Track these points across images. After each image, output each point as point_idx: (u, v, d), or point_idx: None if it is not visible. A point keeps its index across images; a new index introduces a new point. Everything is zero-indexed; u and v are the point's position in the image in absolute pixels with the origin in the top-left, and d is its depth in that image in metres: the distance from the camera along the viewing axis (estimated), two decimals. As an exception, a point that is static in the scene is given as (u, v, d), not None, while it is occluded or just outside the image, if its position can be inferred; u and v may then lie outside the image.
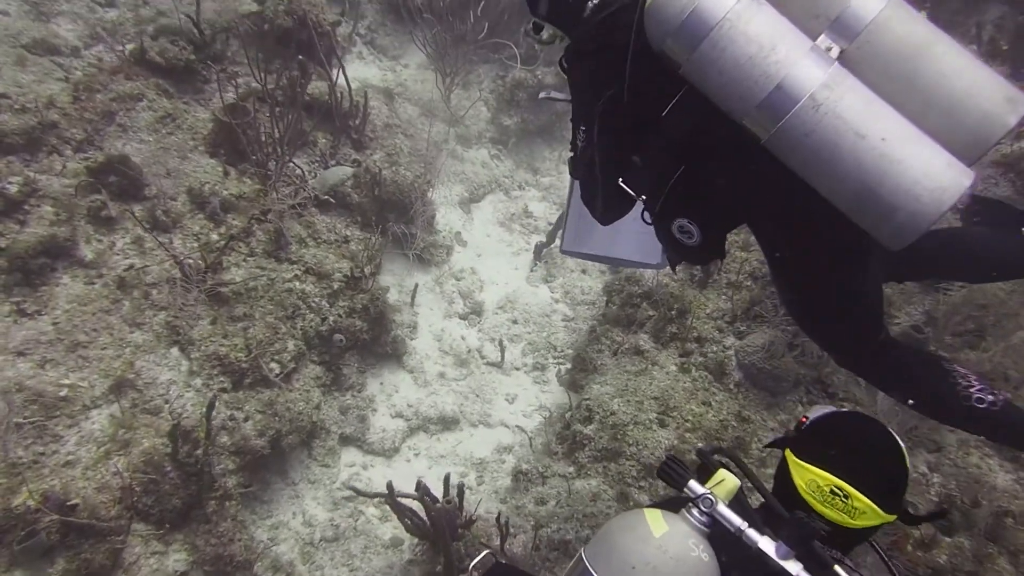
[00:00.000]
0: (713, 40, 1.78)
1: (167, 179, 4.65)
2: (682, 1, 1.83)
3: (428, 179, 5.34)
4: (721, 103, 1.87)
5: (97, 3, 6.09)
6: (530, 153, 6.64)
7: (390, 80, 6.50)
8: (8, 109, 4.64)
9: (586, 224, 2.86)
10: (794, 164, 1.82)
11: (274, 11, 5.49)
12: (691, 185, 2.13)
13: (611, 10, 2.15)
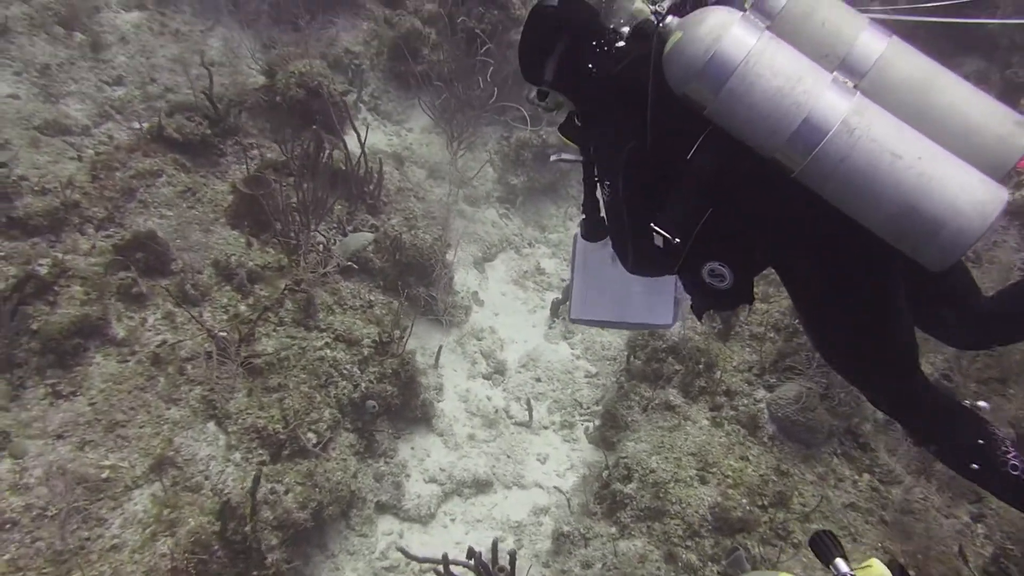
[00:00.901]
0: (740, 75, 1.86)
1: (191, 252, 4.74)
2: (703, 43, 1.92)
3: (446, 241, 5.48)
4: (749, 139, 1.93)
5: (104, 82, 6.26)
6: (537, 211, 6.85)
7: (396, 144, 6.71)
8: (29, 191, 4.74)
9: (593, 291, 2.96)
10: (829, 193, 1.86)
11: (286, 83, 5.68)
12: (721, 227, 2.15)
13: (622, 65, 2.24)
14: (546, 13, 2.39)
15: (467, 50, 6.25)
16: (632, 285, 3.02)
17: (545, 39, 2.38)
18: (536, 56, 2.40)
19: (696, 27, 1.97)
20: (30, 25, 6.19)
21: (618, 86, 2.23)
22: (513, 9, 6.51)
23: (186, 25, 6.84)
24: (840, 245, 1.97)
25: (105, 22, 6.52)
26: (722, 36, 1.91)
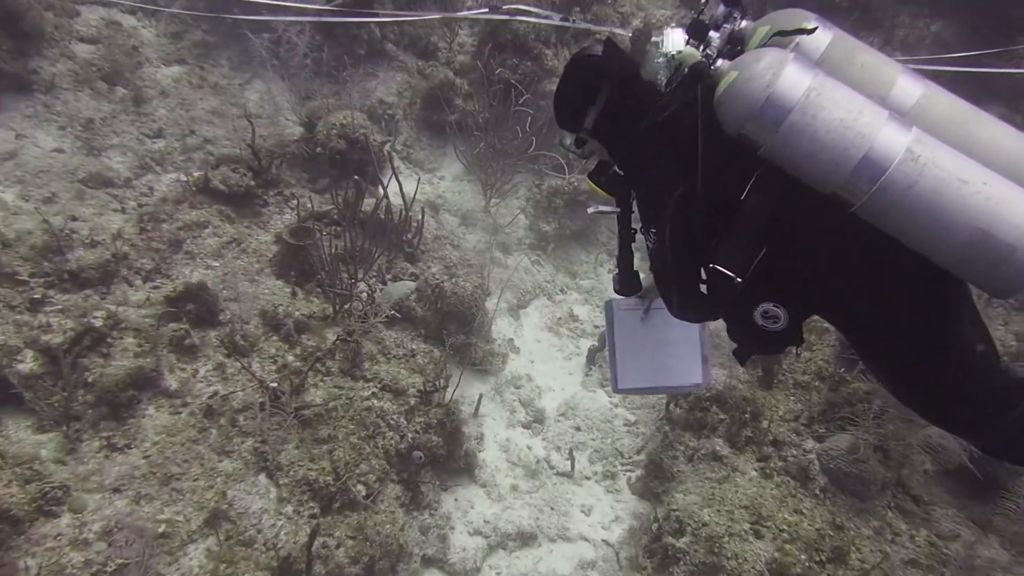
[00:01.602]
0: (801, 110, 1.92)
1: (238, 303, 4.85)
2: (761, 82, 1.98)
3: (486, 289, 5.58)
4: (808, 174, 1.97)
5: (145, 135, 6.47)
6: (567, 257, 6.96)
7: (429, 193, 6.86)
8: (80, 244, 4.87)
9: (630, 359, 3.04)
10: (891, 225, 1.90)
11: (327, 134, 5.85)
12: (776, 266, 2.16)
13: (667, 113, 2.27)
14: (588, 63, 2.46)
15: (500, 100, 6.42)
16: (663, 348, 3.11)
17: (587, 88, 2.43)
18: (576, 105, 2.45)
19: (752, 67, 2.04)
20: (75, 81, 6.43)
21: (663, 133, 2.28)
22: (545, 60, 6.72)
23: (224, 79, 7.08)
24: (901, 278, 1.99)
25: (147, 76, 6.76)
26: (779, 74, 1.97)
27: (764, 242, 2.13)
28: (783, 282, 2.18)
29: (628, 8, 7.13)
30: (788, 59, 2.01)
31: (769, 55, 2.05)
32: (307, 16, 6.67)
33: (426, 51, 7.35)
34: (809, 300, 2.22)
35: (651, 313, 2.97)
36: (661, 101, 2.34)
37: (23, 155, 5.80)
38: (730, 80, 2.07)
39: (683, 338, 3.08)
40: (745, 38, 2.31)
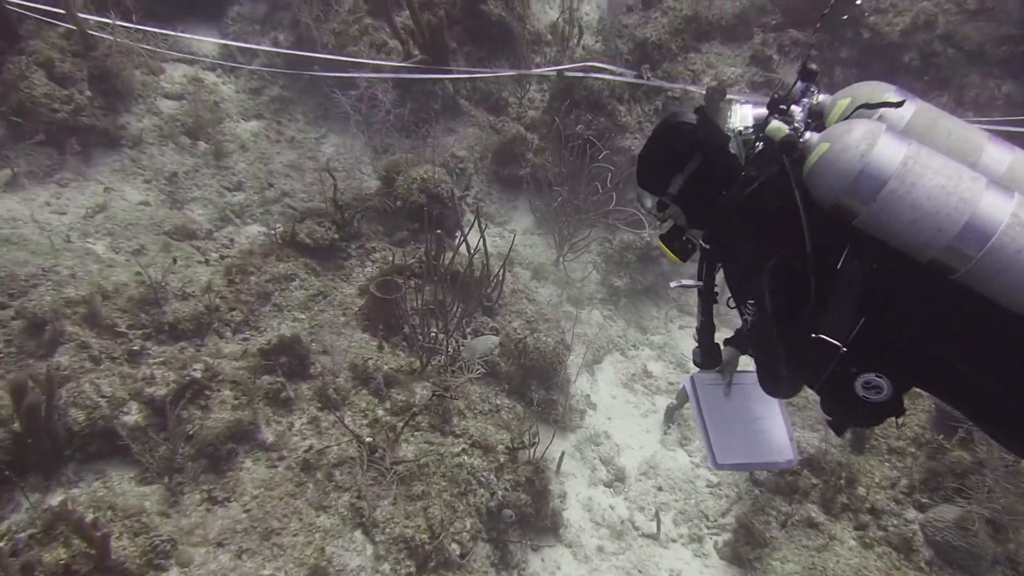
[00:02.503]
0: (900, 178, 1.97)
1: (327, 356, 4.96)
2: (853, 153, 2.03)
3: (566, 344, 5.65)
4: (907, 242, 2.01)
5: (225, 188, 6.73)
6: (638, 312, 7.02)
7: (501, 246, 6.98)
8: (174, 296, 5.05)
9: (722, 434, 3.06)
10: (997, 290, 1.93)
11: (407, 188, 6.03)
12: (876, 336, 2.16)
13: (757, 183, 2.33)
14: (682, 130, 2.54)
15: (575, 155, 6.57)
16: (751, 423, 3.14)
17: (677, 154, 2.50)
18: (664, 169, 2.51)
19: (844, 138, 2.11)
20: (160, 136, 6.74)
21: (752, 206, 2.34)
22: (619, 116, 6.89)
23: (300, 133, 7.36)
24: (1008, 342, 2.01)
25: (227, 131, 7.05)
26: (874, 144, 2.03)
27: (862, 311, 2.15)
28: (884, 351, 2.19)
29: (699, 66, 7.32)
30: (880, 129, 2.08)
31: (861, 126, 2.12)
32: (385, 73, 6.94)
33: (497, 106, 7.58)
34: (911, 369, 2.22)
35: (732, 387, 3.01)
36: (746, 174, 2.42)
37: (112, 208, 6.06)
38: (821, 152, 2.14)
39: (766, 412, 3.12)
40: (824, 111, 2.41)
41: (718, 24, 7.77)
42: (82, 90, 6.18)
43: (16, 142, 5.87)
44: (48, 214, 5.78)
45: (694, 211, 2.56)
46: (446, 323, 5.04)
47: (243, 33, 7.71)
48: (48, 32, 6.30)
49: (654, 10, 7.76)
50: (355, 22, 7.31)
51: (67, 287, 4.77)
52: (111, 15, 6.32)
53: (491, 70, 7.23)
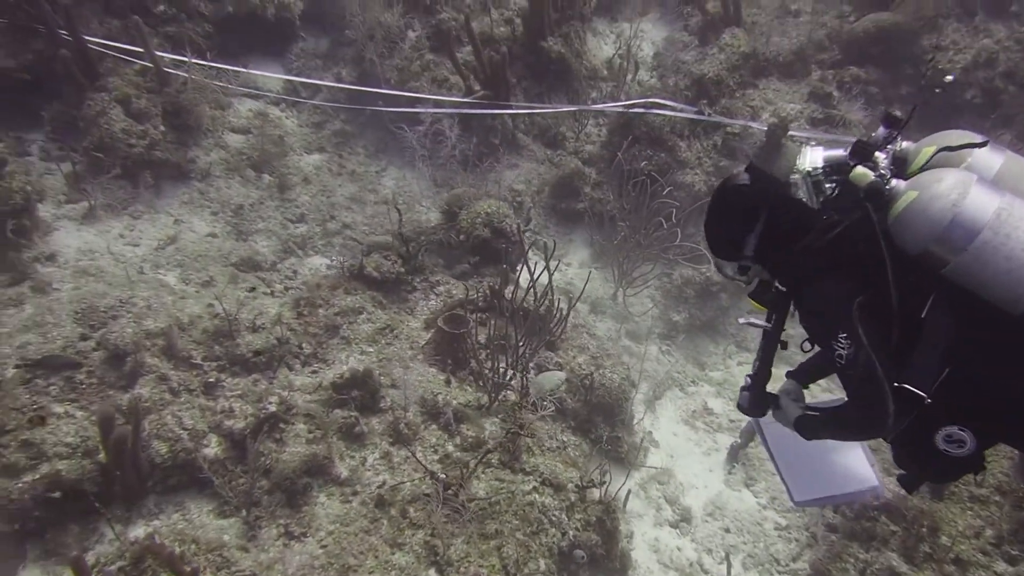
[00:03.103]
0: (994, 229, 1.96)
1: (396, 390, 4.97)
2: (944, 203, 2.03)
3: (632, 381, 5.61)
4: (1000, 293, 2.00)
5: (289, 219, 6.83)
6: (695, 347, 6.95)
7: (558, 279, 6.98)
8: (246, 329, 5.11)
9: (796, 471, 2.99)
10: None
11: (471, 223, 6.07)
12: (959, 388, 2.12)
13: (839, 229, 2.34)
14: (740, 192, 2.56)
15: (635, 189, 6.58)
16: (825, 455, 3.07)
17: (743, 217, 2.53)
18: (734, 234, 2.55)
19: (934, 187, 2.10)
20: (226, 169, 6.89)
21: (835, 250, 2.34)
22: (679, 152, 6.90)
23: (361, 166, 7.47)
24: None
25: (291, 164, 7.19)
26: (965, 194, 2.03)
27: (948, 361, 2.12)
28: (969, 404, 2.15)
29: (757, 102, 7.31)
30: (972, 180, 2.08)
31: (951, 176, 2.12)
32: (448, 108, 7.03)
33: (554, 140, 7.64)
34: (998, 423, 2.18)
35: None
36: (827, 218, 2.42)
37: (182, 239, 6.19)
38: (909, 200, 2.15)
39: (841, 444, 3.06)
40: (908, 158, 2.42)
41: (775, 60, 7.77)
42: (156, 125, 6.35)
43: (95, 176, 6.04)
44: (122, 246, 5.92)
45: (776, 264, 2.56)
46: (516, 359, 5.02)
47: (306, 68, 7.89)
48: (125, 69, 6.50)
49: (711, 47, 7.79)
50: (417, 58, 7.43)
51: (146, 319, 4.86)
52: (187, 53, 6.50)
53: (553, 105, 7.29)
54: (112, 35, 6.60)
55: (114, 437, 3.81)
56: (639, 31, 8.92)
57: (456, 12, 7.70)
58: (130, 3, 6.65)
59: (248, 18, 7.47)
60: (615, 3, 8.96)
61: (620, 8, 9.03)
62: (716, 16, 8.01)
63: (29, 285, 5.16)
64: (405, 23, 7.46)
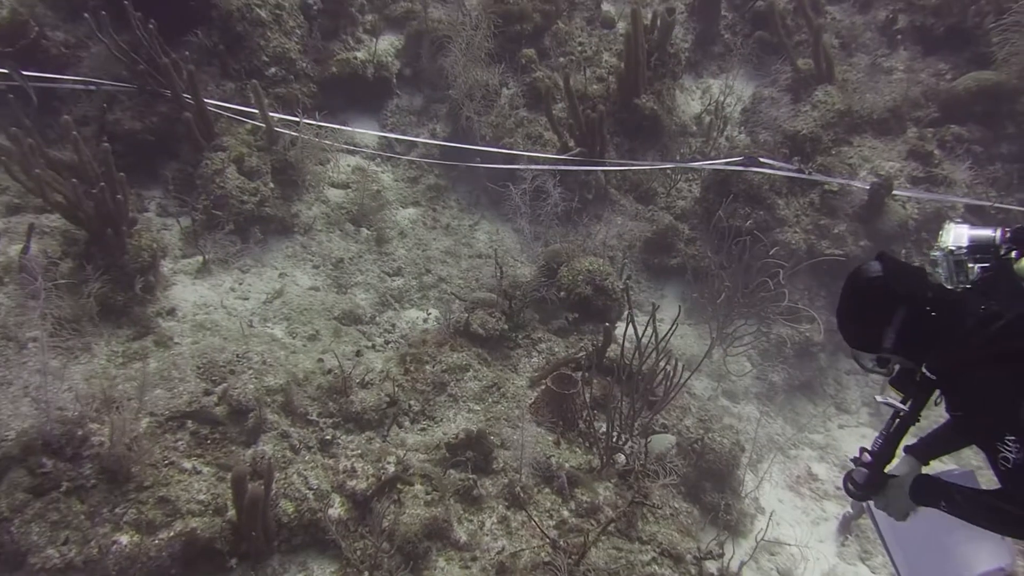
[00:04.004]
0: None
1: (507, 451, 4.94)
2: None
3: (741, 445, 5.47)
4: None
5: (386, 273, 6.92)
6: (794, 409, 6.78)
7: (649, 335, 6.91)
8: (358, 386, 5.16)
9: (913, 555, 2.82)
10: None
11: (572, 279, 6.07)
12: None
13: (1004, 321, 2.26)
14: (875, 285, 2.48)
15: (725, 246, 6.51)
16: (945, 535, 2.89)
17: (880, 311, 2.45)
18: (871, 327, 2.47)
19: None
20: (327, 223, 7.05)
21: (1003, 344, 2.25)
22: (777, 210, 6.82)
23: (454, 219, 7.57)
24: None
25: (387, 218, 7.31)
26: None
27: None
28: None
29: (855, 159, 7.21)
30: None
31: None
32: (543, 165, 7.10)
33: (646, 196, 7.64)
34: None
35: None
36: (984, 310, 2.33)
37: (287, 293, 6.32)
38: None
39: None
40: None
41: (869, 118, 7.68)
42: (266, 182, 6.56)
43: (209, 231, 6.24)
44: (233, 299, 6.08)
45: (920, 353, 2.47)
46: (632, 421, 4.96)
47: (401, 124, 8.08)
48: (237, 128, 6.76)
49: (803, 103, 7.74)
50: (511, 115, 7.56)
51: (266, 376, 4.95)
52: (299, 113, 6.74)
53: (651, 163, 7.33)
54: (227, 97, 6.88)
55: (248, 497, 3.85)
56: (725, 87, 8.95)
57: (549, 71, 7.84)
58: (245, 67, 6.93)
59: (349, 77, 7.71)
60: (701, 59, 9.00)
61: (705, 64, 9.07)
62: (807, 73, 7.97)
63: (152, 339, 5.31)
64: (500, 81, 7.60)
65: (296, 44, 7.37)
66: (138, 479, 4.12)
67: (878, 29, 8.64)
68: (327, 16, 7.77)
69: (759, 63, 8.62)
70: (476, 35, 7.09)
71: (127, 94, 6.48)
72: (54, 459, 3.99)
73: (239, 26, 6.93)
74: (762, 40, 8.72)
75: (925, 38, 8.36)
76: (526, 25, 7.82)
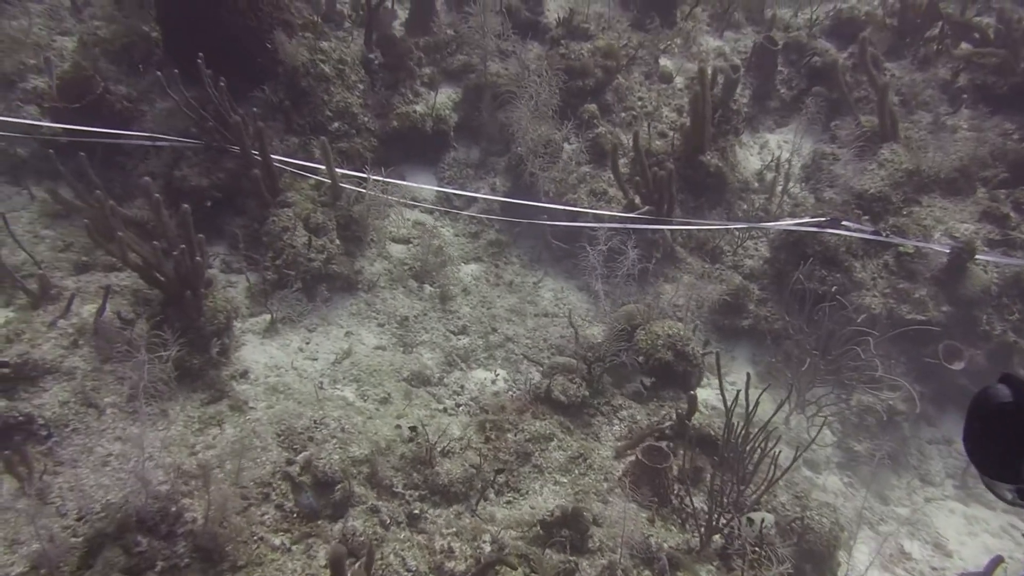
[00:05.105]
0: None
1: (600, 528, 4.79)
2: None
3: (842, 525, 5.31)
4: None
5: (451, 331, 6.83)
6: (877, 480, 6.59)
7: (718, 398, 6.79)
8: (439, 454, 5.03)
9: None
10: None
11: (651, 344, 5.98)
12: None
13: None
14: (1006, 414, 2.34)
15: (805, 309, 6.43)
16: None
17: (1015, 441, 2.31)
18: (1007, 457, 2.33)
19: None
20: (390, 280, 6.99)
21: None
22: (854, 273, 6.75)
23: (517, 276, 7.51)
24: None
25: (450, 274, 7.25)
26: None
27: None
28: None
29: (928, 220, 7.17)
30: None
31: None
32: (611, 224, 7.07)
33: (712, 254, 7.59)
34: None
35: None
36: None
37: (356, 353, 6.23)
38: None
39: None
40: None
41: (936, 177, 7.66)
42: (332, 239, 6.53)
43: (277, 289, 6.18)
44: (303, 360, 5.98)
45: None
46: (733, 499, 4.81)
47: (458, 177, 8.09)
48: (301, 184, 6.76)
49: (868, 161, 7.74)
50: (574, 170, 7.56)
51: (351, 445, 4.83)
52: (366, 169, 6.74)
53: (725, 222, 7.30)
54: (290, 151, 6.90)
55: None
56: (782, 142, 8.99)
57: (611, 126, 7.87)
58: (309, 122, 6.96)
59: (408, 131, 7.74)
60: (757, 114, 9.05)
61: (761, 119, 9.11)
62: (871, 130, 7.99)
63: (227, 403, 5.21)
64: (562, 136, 7.63)
65: (358, 99, 7.42)
66: (232, 558, 3.99)
67: (939, 86, 8.68)
68: (387, 70, 7.84)
69: (814, 118, 8.65)
70: (542, 91, 7.12)
71: (193, 150, 6.50)
72: (149, 537, 3.85)
73: (304, 81, 6.98)
74: (818, 96, 8.78)
75: (988, 96, 8.40)
76: (588, 80, 7.88)
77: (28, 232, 6.10)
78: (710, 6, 9.90)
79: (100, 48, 6.98)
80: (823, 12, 9.98)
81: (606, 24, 8.71)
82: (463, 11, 8.31)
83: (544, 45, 8.57)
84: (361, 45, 7.67)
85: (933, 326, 6.54)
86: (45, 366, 4.78)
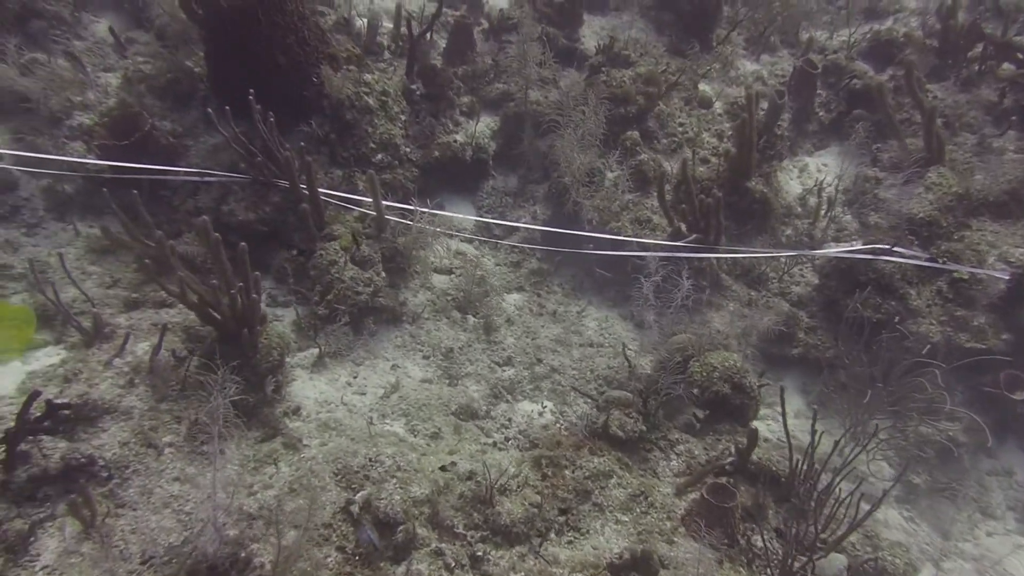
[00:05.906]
0: None
1: (665, 569, 4.70)
2: None
3: (915, 566, 5.19)
4: None
5: (496, 363, 6.79)
6: (935, 514, 6.46)
7: (777, 431, 6.69)
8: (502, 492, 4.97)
9: None
10: None
11: (707, 376, 5.91)
12: None
13: None
14: None
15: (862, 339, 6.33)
16: None
17: None
18: None
19: None
20: (433, 311, 6.97)
21: None
22: (910, 300, 6.66)
23: (560, 306, 7.47)
24: None
25: (493, 304, 7.23)
26: None
27: None
28: None
29: (982, 245, 7.08)
30: None
31: None
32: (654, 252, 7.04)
33: (758, 281, 7.53)
34: None
35: None
36: None
37: (403, 387, 6.19)
38: None
39: None
40: None
41: (985, 200, 7.58)
42: (379, 272, 6.53)
43: (324, 323, 6.17)
44: (351, 395, 5.96)
45: None
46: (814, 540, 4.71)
47: (497, 206, 8.09)
48: (346, 216, 6.77)
49: (915, 185, 7.66)
50: (617, 198, 7.54)
51: (412, 485, 4.79)
52: (412, 201, 6.75)
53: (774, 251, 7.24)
54: (334, 184, 6.92)
55: (429, 632, 3.64)
56: (822, 166, 8.95)
57: (654, 153, 7.86)
58: (353, 154, 6.99)
59: (449, 161, 7.76)
60: (796, 137, 9.02)
61: (800, 143, 9.08)
62: (916, 152, 7.93)
63: (281, 441, 5.19)
64: (606, 164, 7.62)
65: (400, 130, 7.45)
66: (300, 606, 3.94)
67: (983, 108, 8.62)
68: (427, 100, 7.88)
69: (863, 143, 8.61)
70: (589, 120, 7.13)
71: (239, 185, 6.53)
72: (218, 586, 3.82)
73: (349, 114, 7.02)
74: (860, 119, 8.75)
75: (1034, 118, 8.33)
76: (630, 108, 7.88)
77: (75, 268, 6.12)
78: (745, 29, 9.91)
79: (145, 84, 7.05)
80: (860, 34, 9.96)
81: (643, 50, 8.73)
82: (501, 39, 8.36)
83: (582, 72, 8.60)
84: (402, 76, 7.72)
85: (995, 355, 6.43)
86: (104, 406, 4.78)
